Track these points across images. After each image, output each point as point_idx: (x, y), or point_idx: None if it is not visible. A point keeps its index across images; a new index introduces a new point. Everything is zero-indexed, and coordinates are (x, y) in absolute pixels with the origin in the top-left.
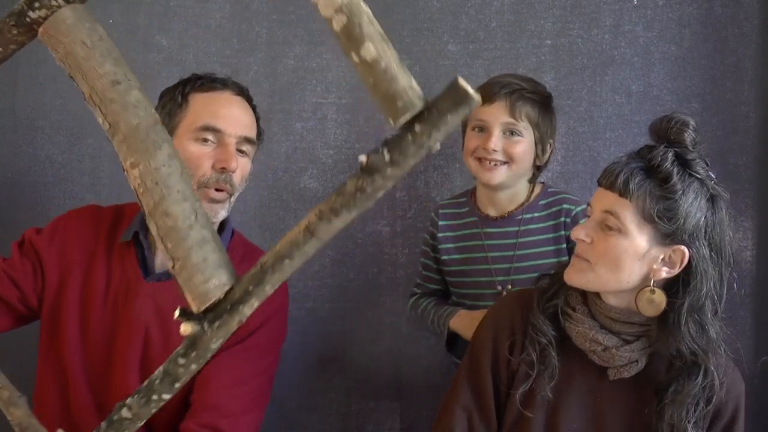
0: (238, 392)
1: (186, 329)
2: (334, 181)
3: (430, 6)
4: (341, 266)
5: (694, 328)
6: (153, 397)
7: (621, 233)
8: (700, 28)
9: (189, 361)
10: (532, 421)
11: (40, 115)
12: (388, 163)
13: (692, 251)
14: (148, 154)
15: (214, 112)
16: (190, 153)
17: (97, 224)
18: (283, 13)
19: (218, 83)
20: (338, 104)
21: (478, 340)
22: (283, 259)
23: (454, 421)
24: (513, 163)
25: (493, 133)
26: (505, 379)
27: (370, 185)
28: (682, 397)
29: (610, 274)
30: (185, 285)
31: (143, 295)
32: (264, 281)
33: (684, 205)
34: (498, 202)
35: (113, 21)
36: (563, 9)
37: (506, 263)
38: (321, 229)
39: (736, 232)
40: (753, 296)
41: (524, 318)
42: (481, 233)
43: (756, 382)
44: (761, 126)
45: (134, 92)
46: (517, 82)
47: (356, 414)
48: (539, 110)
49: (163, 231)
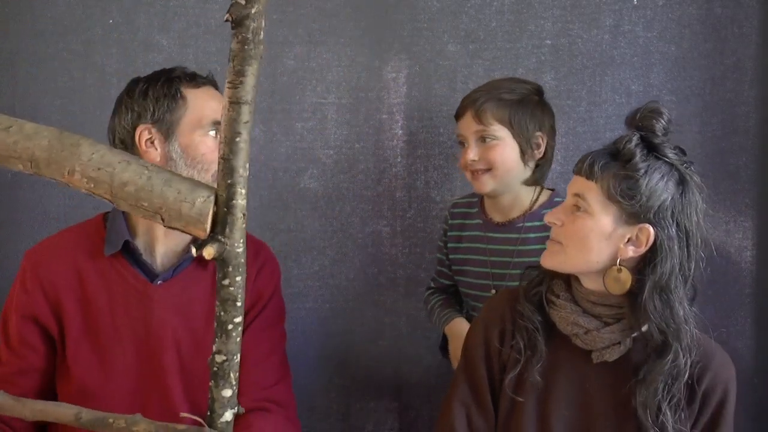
0: (269, 365)
1: (210, 252)
2: (334, 181)
3: (430, 6)
4: (341, 266)
5: (660, 306)
6: (228, 327)
7: (588, 213)
8: (700, 28)
9: (231, 278)
10: (524, 408)
11: (40, 115)
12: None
13: (657, 230)
14: (75, 155)
15: (215, 107)
16: (206, 146)
17: (68, 250)
18: (283, 13)
19: (198, 78)
20: (338, 104)
21: (470, 337)
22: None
23: (453, 418)
24: (494, 168)
25: (469, 145)
26: (497, 370)
27: None
28: (652, 376)
29: (580, 255)
30: (182, 224)
31: (158, 299)
32: (232, 167)
33: (647, 184)
34: (501, 207)
35: (113, 21)
36: (563, 9)
37: (504, 269)
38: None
39: (736, 232)
40: (753, 296)
41: (512, 309)
42: (485, 237)
43: (756, 381)
44: (761, 126)
45: (26, 125)
46: (484, 90)
47: (356, 414)
48: (509, 108)
49: (133, 199)
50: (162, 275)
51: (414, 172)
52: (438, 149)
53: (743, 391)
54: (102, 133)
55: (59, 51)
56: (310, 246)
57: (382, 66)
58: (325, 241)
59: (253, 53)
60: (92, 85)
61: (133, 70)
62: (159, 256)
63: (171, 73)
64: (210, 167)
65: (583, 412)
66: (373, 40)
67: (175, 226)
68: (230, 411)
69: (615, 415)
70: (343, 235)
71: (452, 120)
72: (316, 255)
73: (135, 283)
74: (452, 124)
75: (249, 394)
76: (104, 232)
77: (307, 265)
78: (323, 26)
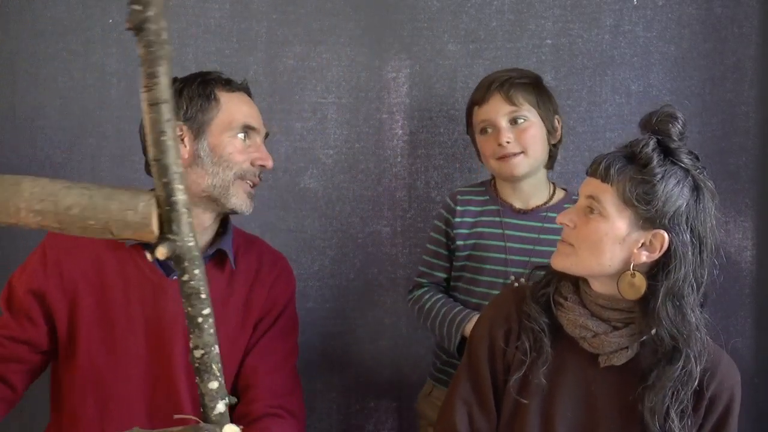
0: (283, 373)
1: (162, 252)
2: (334, 181)
3: (430, 6)
4: (341, 266)
5: (672, 312)
6: (198, 320)
7: (602, 216)
8: (699, 28)
9: (190, 273)
10: (528, 409)
11: (40, 115)
12: None
13: (672, 236)
14: (17, 194)
15: (247, 111)
16: (233, 147)
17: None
18: (283, 13)
19: (234, 84)
20: (338, 104)
21: (475, 334)
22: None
23: (454, 415)
24: (527, 149)
25: (501, 127)
26: (501, 370)
27: None
28: (661, 382)
29: (592, 258)
30: (131, 232)
31: (172, 293)
32: (165, 165)
33: (663, 189)
34: (522, 193)
35: (113, 21)
36: (563, 9)
37: (524, 256)
38: None
39: (736, 232)
40: (753, 296)
41: (518, 309)
42: (501, 222)
43: (756, 381)
44: (761, 126)
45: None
46: (504, 74)
47: (356, 414)
48: (534, 91)
49: (80, 220)
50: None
51: (414, 172)
52: (438, 149)
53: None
54: (102, 131)
55: (59, 51)
56: (310, 246)
57: (382, 66)
58: (325, 241)
59: (161, 53)
60: (92, 85)
61: (133, 70)
62: None
63: (207, 76)
64: (234, 166)
65: (588, 414)
66: (373, 40)
67: (125, 236)
68: (222, 402)
69: (620, 418)
70: (343, 235)
71: (453, 119)
72: (316, 255)
73: (151, 276)
74: (453, 123)
75: (263, 401)
76: None
77: (307, 265)
78: (323, 26)
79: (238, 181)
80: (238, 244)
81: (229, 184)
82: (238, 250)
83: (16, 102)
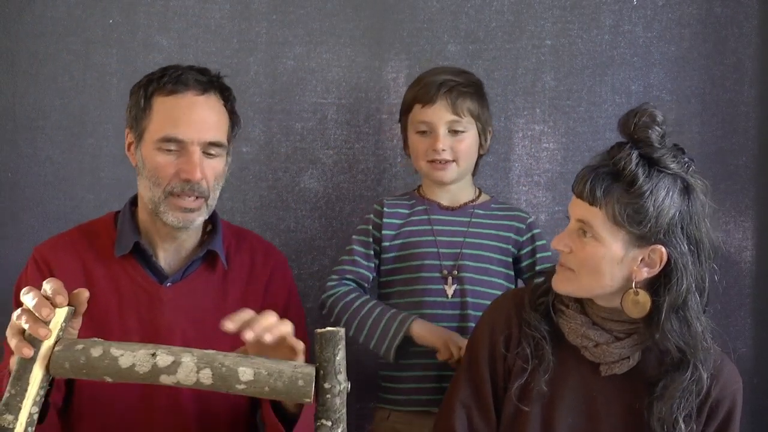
0: None
1: None
2: (334, 181)
3: (430, 6)
4: None
5: (677, 325)
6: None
7: (596, 240)
8: (699, 28)
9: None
10: (528, 415)
11: (40, 115)
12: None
13: (670, 249)
14: None
15: (175, 121)
16: (156, 163)
17: (77, 249)
18: (283, 13)
19: (181, 84)
20: (338, 104)
21: (475, 337)
22: None
23: (453, 418)
24: (459, 159)
25: (438, 134)
26: (502, 375)
27: None
28: (670, 392)
29: (593, 281)
30: None
31: (168, 300)
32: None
33: (653, 205)
34: (448, 193)
35: (113, 21)
36: (563, 9)
37: (455, 248)
38: None
39: (736, 232)
40: (753, 296)
41: (518, 314)
42: (430, 219)
43: (756, 381)
44: (761, 126)
45: None
46: (452, 78)
47: (356, 414)
48: (477, 102)
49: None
50: (171, 277)
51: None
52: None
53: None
54: (102, 131)
55: (59, 51)
56: (310, 246)
57: (382, 66)
58: (325, 241)
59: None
60: (92, 85)
61: (133, 70)
62: (162, 259)
63: (156, 76)
64: (161, 182)
65: (590, 422)
66: (373, 40)
67: None
68: None
69: (623, 426)
70: (343, 235)
71: None
72: (316, 255)
73: (145, 285)
74: None
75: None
76: (115, 233)
77: (307, 265)
78: (323, 26)
79: (169, 197)
80: (229, 241)
81: (159, 201)
82: (230, 248)
83: (16, 102)
